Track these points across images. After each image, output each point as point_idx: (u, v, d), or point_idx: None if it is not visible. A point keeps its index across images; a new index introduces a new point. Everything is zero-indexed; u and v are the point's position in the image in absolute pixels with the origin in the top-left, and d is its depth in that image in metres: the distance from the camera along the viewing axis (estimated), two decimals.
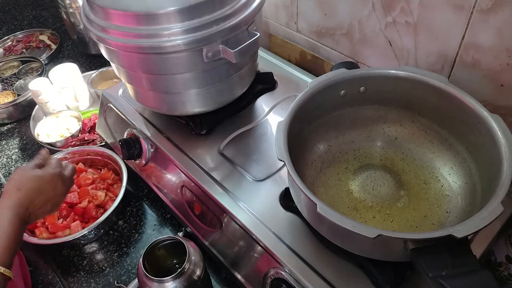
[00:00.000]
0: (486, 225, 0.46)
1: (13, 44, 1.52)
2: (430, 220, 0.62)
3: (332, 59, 0.93)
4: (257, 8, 0.68)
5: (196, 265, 0.67)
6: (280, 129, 0.59)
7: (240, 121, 0.83)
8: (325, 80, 0.66)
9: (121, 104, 0.90)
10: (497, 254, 0.72)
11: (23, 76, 1.33)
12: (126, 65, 0.71)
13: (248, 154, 0.76)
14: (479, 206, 0.54)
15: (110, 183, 0.94)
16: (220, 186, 0.71)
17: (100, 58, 1.38)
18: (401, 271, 0.57)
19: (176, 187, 0.80)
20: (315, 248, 0.61)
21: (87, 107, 1.21)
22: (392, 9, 0.74)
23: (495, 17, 0.62)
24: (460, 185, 0.64)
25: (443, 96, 0.62)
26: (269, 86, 0.89)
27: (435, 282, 0.43)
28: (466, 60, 0.69)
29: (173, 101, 0.76)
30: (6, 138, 1.17)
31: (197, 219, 0.77)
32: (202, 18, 0.62)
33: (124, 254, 0.86)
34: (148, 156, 0.85)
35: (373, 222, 0.63)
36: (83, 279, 0.82)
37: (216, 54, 0.66)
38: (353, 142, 0.74)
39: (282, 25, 1.01)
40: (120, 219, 0.92)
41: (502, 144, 0.53)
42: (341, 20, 0.85)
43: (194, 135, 0.81)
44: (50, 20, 1.66)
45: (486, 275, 0.43)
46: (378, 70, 0.67)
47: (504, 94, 0.67)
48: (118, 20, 0.64)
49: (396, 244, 0.48)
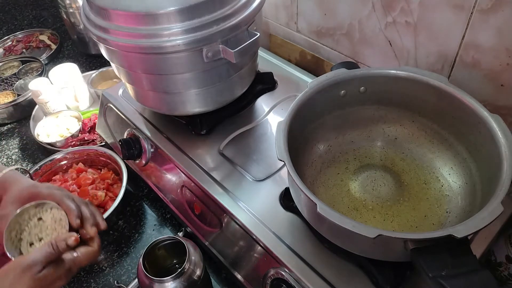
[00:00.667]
0: (486, 225, 0.46)
1: (13, 44, 1.52)
2: (430, 220, 0.62)
3: (332, 59, 0.93)
4: (257, 8, 0.68)
5: (196, 265, 0.67)
6: (280, 129, 0.59)
7: (240, 121, 0.83)
8: (325, 80, 0.66)
9: (121, 104, 0.90)
10: (497, 254, 0.71)
11: (23, 76, 1.33)
12: (126, 65, 0.71)
13: (248, 154, 0.76)
14: (479, 206, 0.54)
15: (110, 183, 0.94)
16: (220, 186, 0.71)
17: (100, 58, 1.38)
18: (401, 271, 0.57)
19: (176, 187, 0.80)
20: (315, 248, 0.61)
21: (87, 107, 1.21)
22: (392, 9, 0.74)
23: (495, 17, 0.62)
24: (460, 185, 0.64)
25: (443, 96, 0.62)
26: (269, 86, 0.89)
27: (435, 282, 0.43)
28: (466, 60, 0.69)
29: (173, 101, 0.76)
30: (6, 138, 1.17)
31: (197, 219, 0.77)
32: (202, 18, 0.62)
33: (124, 254, 0.86)
34: (148, 156, 0.85)
35: (373, 222, 0.63)
36: (83, 279, 0.82)
37: (216, 54, 0.66)
38: (353, 142, 0.73)
39: (282, 25, 1.01)
40: (120, 219, 0.92)
41: (502, 144, 0.53)
42: (341, 20, 0.85)
43: (194, 135, 0.81)
44: (50, 20, 1.66)
45: (486, 275, 0.43)
46: (378, 70, 0.67)
47: (504, 94, 0.67)
48: (118, 20, 0.64)
49: (396, 244, 0.48)
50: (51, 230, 0.61)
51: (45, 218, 0.62)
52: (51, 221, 0.61)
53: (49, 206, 0.62)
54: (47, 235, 0.61)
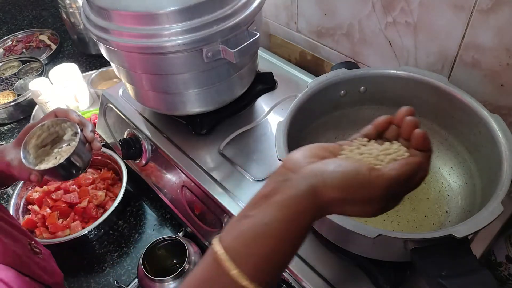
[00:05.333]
0: (486, 225, 0.46)
1: (13, 44, 1.52)
2: (430, 220, 0.62)
3: (332, 59, 0.93)
4: (257, 8, 0.68)
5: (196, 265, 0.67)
6: (280, 129, 0.59)
7: (240, 121, 0.83)
8: (325, 80, 0.66)
9: (121, 104, 0.90)
10: (497, 254, 0.71)
11: (23, 76, 1.32)
12: (126, 65, 0.71)
13: (248, 154, 0.76)
14: (479, 206, 0.54)
15: (110, 183, 0.94)
16: (220, 186, 0.71)
17: (100, 58, 1.37)
18: (401, 271, 0.57)
19: (176, 187, 0.80)
20: (315, 248, 0.61)
21: (87, 107, 1.20)
22: (392, 9, 0.74)
23: (495, 17, 0.61)
24: (460, 185, 0.64)
25: (443, 96, 0.62)
26: (269, 86, 0.89)
27: (435, 282, 0.43)
28: (466, 60, 0.69)
29: (173, 101, 0.76)
30: (6, 138, 1.17)
31: (197, 219, 0.77)
32: (202, 18, 0.62)
33: (124, 254, 0.86)
34: (148, 156, 0.85)
35: (373, 222, 0.63)
36: (83, 279, 0.82)
37: (216, 54, 0.66)
38: None
39: (282, 25, 1.01)
40: (120, 219, 0.92)
41: (502, 144, 0.53)
42: (341, 20, 0.85)
43: (194, 135, 0.81)
44: (50, 20, 1.66)
45: (486, 275, 0.43)
46: (378, 70, 0.67)
47: (504, 94, 0.67)
48: (118, 20, 0.64)
49: (396, 244, 0.48)
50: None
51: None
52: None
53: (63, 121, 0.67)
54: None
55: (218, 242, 0.35)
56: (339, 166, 0.36)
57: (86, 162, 0.65)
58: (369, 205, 0.36)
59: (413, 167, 0.37)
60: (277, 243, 0.35)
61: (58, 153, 0.66)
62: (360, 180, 0.35)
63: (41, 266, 0.62)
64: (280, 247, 0.35)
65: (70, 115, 0.66)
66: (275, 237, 0.34)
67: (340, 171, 0.35)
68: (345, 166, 0.36)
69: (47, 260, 0.67)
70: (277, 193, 0.35)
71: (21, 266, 0.56)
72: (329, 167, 0.36)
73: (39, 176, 0.63)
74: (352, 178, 0.35)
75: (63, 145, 0.68)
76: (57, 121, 0.66)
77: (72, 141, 0.67)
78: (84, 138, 0.65)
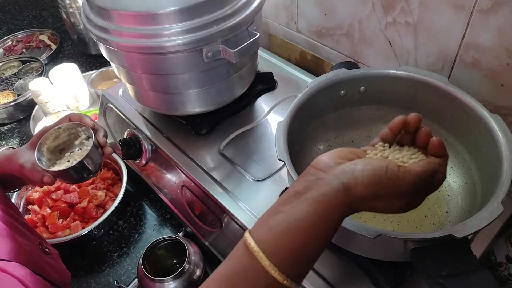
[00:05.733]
0: (486, 225, 0.46)
1: (13, 44, 1.52)
2: (430, 220, 0.62)
3: (332, 59, 0.93)
4: (257, 8, 0.68)
5: (196, 265, 0.67)
6: (280, 129, 0.59)
7: (240, 121, 0.83)
8: (325, 80, 0.66)
9: (121, 104, 0.90)
10: (497, 254, 0.71)
11: (23, 76, 1.32)
12: (126, 65, 0.71)
13: (248, 154, 0.76)
14: (479, 206, 0.54)
15: (110, 183, 0.94)
16: (220, 186, 0.71)
17: (100, 58, 1.37)
18: (401, 271, 0.57)
19: (176, 187, 0.80)
20: None
21: (87, 107, 1.20)
22: (392, 9, 0.74)
23: (495, 17, 0.61)
24: (460, 185, 0.64)
25: (443, 96, 0.62)
26: (269, 86, 0.89)
27: (435, 282, 0.43)
28: (466, 60, 0.69)
29: (173, 101, 0.76)
30: (6, 138, 1.17)
31: (197, 219, 0.77)
32: (202, 18, 0.62)
33: (124, 254, 0.86)
34: (148, 156, 0.85)
35: (373, 222, 0.63)
36: (83, 279, 0.82)
37: (216, 54, 0.66)
38: (353, 142, 0.73)
39: (282, 25, 1.01)
40: (120, 219, 0.92)
41: (502, 144, 0.53)
42: (341, 20, 0.85)
43: (194, 135, 0.81)
44: (50, 20, 1.66)
45: (486, 275, 0.43)
46: (378, 70, 0.67)
47: (504, 94, 0.67)
48: (118, 20, 0.64)
49: (396, 244, 0.48)
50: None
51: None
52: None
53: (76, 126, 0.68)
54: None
55: (249, 236, 0.37)
56: (369, 164, 0.39)
57: (98, 166, 0.66)
58: (398, 200, 0.39)
59: (435, 166, 0.40)
60: (308, 237, 0.37)
61: (70, 156, 0.68)
62: (390, 176, 0.38)
63: (52, 265, 0.62)
64: (310, 241, 0.37)
65: (84, 119, 0.68)
66: (306, 231, 0.37)
67: (371, 168, 0.38)
68: (374, 163, 0.39)
69: (56, 260, 0.67)
70: (310, 190, 0.38)
71: (34, 265, 0.56)
72: (359, 166, 0.38)
73: (52, 178, 0.64)
74: (382, 174, 0.38)
75: (74, 149, 0.69)
76: (72, 125, 0.67)
77: (83, 146, 0.68)
78: (97, 142, 0.66)
